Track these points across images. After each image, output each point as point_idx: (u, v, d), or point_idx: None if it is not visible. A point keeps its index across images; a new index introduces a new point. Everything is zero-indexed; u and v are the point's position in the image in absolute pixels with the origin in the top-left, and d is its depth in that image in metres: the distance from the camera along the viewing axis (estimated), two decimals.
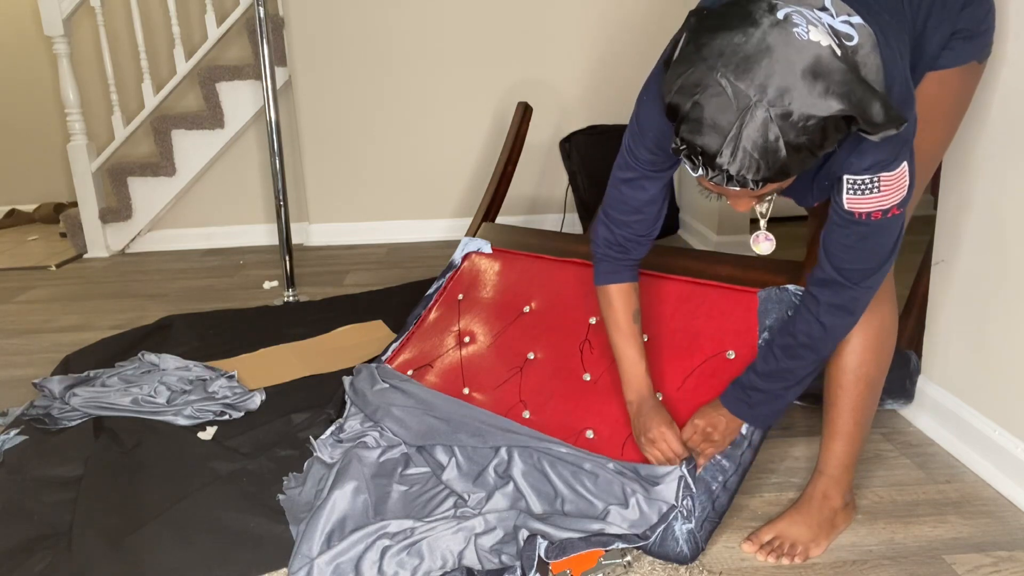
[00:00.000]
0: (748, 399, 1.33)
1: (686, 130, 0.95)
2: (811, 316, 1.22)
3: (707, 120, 0.93)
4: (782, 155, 0.92)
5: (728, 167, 0.94)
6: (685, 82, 0.95)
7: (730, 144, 0.92)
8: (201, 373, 2.00)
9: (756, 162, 0.93)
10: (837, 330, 1.22)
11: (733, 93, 0.91)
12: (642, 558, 1.31)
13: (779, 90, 0.90)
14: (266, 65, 2.57)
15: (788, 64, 0.90)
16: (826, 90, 0.90)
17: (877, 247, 1.13)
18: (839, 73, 0.91)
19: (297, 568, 1.27)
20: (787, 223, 3.35)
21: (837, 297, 1.19)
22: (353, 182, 3.56)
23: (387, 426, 1.66)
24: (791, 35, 0.91)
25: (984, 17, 1.22)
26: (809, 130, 0.91)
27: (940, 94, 1.24)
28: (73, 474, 1.60)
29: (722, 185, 0.96)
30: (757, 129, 0.91)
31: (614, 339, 1.44)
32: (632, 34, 3.36)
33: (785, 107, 0.90)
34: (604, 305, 1.44)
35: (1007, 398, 1.46)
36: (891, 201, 1.08)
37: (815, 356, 1.25)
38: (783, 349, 1.27)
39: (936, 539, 1.34)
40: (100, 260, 3.49)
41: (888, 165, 1.06)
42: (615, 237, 1.37)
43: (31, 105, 4.28)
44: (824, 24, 0.93)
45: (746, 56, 0.91)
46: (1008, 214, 1.43)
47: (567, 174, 3.47)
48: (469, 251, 2.06)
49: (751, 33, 0.92)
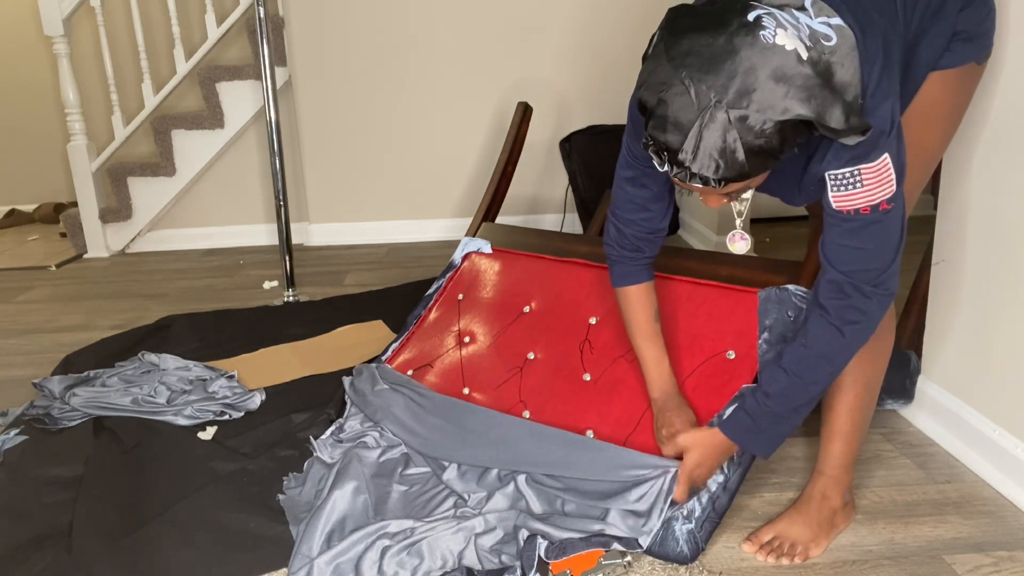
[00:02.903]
0: (755, 425, 1.27)
1: (652, 126, 0.98)
2: (826, 322, 1.17)
3: (671, 118, 0.95)
4: (740, 157, 0.94)
5: (690, 166, 0.96)
6: (653, 79, 0.97)
7: (691, 142, 0.95)
8: (201, 373, 2.00)
9: (715, 162, 0.94)
10: (854, 335, 1.17)
11: (695, 93, 0.93)
12: (642, 558, 1.31)
13: (739, 93, 0.92)
14: (266, 65, 2.57)
15: (750, 67, 0.92)
16: (786, 94, 0.92)
17: (875, 244, 1.11)
18: (801, 78, 0.92)
19: (297, 568, 1.27)
20: (787, 223, 3.36)
21: (846, 299, 1.15)
22: (353, 182, 3.56)
23: (387, 427, 1.66)
24: (757, 38, 0.92)
25: (984, 18, 1.22)
26: (766, 134, 0.93)
27: (940, 95, 1.24)
28: (73, 474, 1.60)
29: (686, 182, 0.99)
30: (716, 130, 0.93)
31: (635, 340, 1.45)
32: (632, 34, 3.35)
33: (744, 110, 0.92)
34: (624, 307, 1.45)
35: (1007, 398, 1.46)
36: (878, 195, 1.07)
37: (830, 368, 1.21)
38: (796, 362, 1.21)
39: (936, 539, 1.34)
40: (100, 260, 3.49)
41: (866, 157, 1.05)
42: (625, 236, 1.38)
43: (31, 105, 4.28)
44: (801, 25, 0.94)
45: (711, 57, 0.93)
46: (1008, 214, 1.43)
47: (567, 174, 3.48)
48: (469, 251, 2.06)
49: (719, 35, 0.93)
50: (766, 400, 1.24)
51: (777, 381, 1.23)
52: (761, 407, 1.25)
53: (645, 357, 1.45)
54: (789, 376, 1.22)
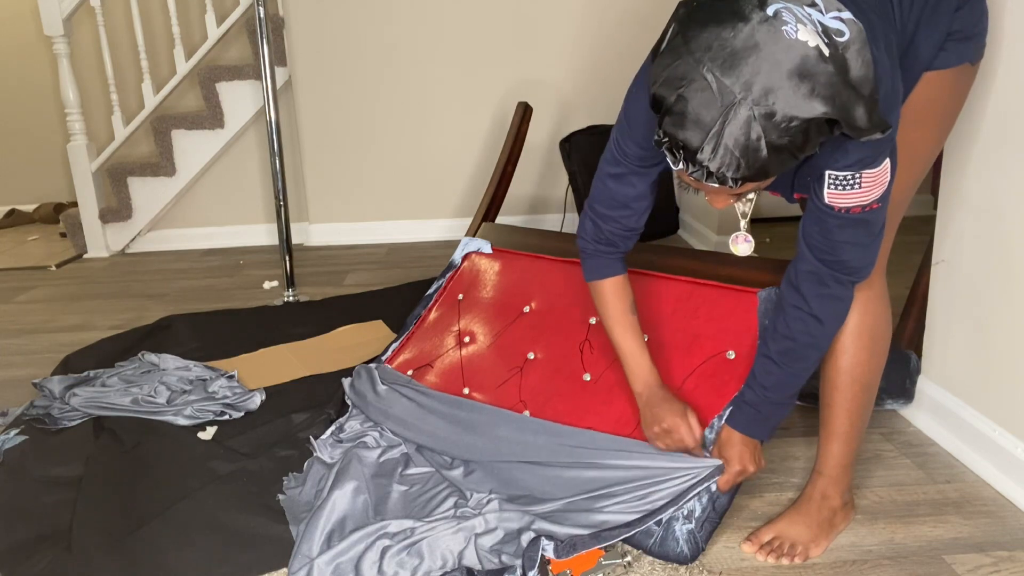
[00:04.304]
0: (761, 416, 1.31)
1: (669, 123, 0.95)
2: (804, 313, 1.21)
3: (690, 114, 0.92)
4: (763, 155, 0.91)
5: (708, 163, 0.93)
6: (671, 74, 0.94)
7: (712, 140, 0.92)
8: (201, 373, 2.00)
9: (736, 160, 0.92)
10: (833, 321, 1.22)
11: (718, 89, 0.90)
12: (642, 558, 1.31)
13: (764, 89, 0.89)
14: (266, 65, 2.57)
15: (775, 63, 0.89)
16: (811, 92, 0.89)
17: (859, 239, 1.13)
18: (825, 75, 0.90)
19: (297, 568, 1.27)
20: (786, 223, 3.35)
21: (825, 288, 1.18)
22: (353, 182, 3.56)
23: (388, 427, 1.66)
24: (780, 33, 0.90)
25: (979, 19, 1.22)
26: (791, 131, 0.91)
27: (934, 95, 1.24)
28: (73, 474, 1.60)
29: (701, 181, 0.96)
30: (740, 127, 0.90)
31: (613, 333, 1.43)
32: (632, 34, 3.35)
33: (769, 106, 0.89)
34: (598, 301, 1.43)
35: (1007, 398, 1.46)
36: (871, 197, 1.09)
37: (818, 353, 1.25)
38: (784, 355, 1.25)
39: (936, 539, 1.34)
40: (100, 260, 3.50)
41: (871, 163, 1.06)
42: (602, 232, 1.36)
43: (31, 105, 4.28)
44: (814, 21, 0.92)
45: (733, 52, 0.90)
46: (1008, 214, 1.43)
47: (567, 174, 3.47)
48: (469, 251, 2.06)
49: (740, 28, 0.90)
50: (765, 392, 1.29)
51: (771, 374, 1.28)
52: (761, 398, 1.30)
53: (624, 349, 1.42)
54: (781, 368, 1.26)
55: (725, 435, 1.36)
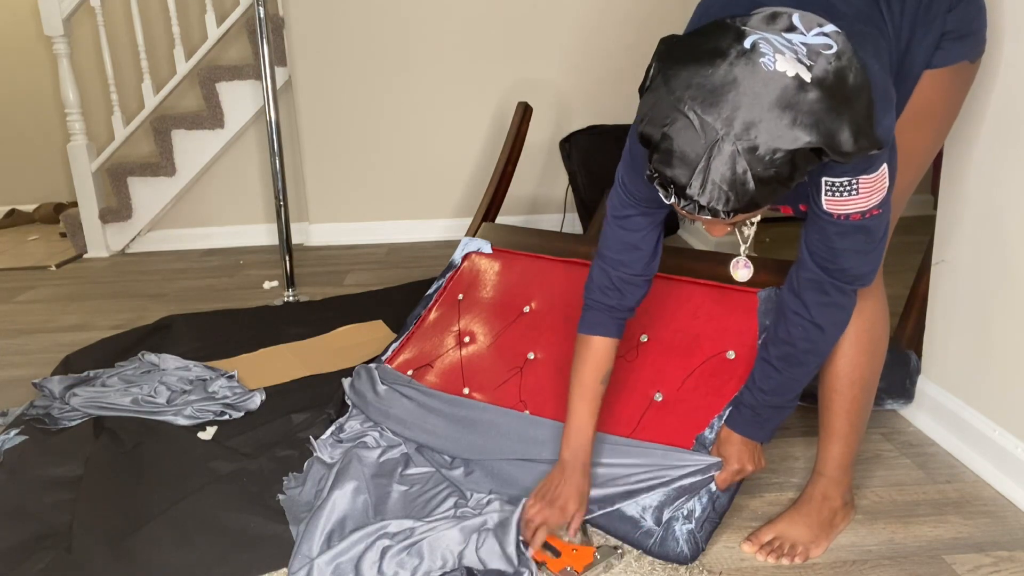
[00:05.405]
0: (759, 418, 1.32)
1: (657, 160, 0.95)
2: (805, 320, 1.21)
3: (677, 152, 0.93)
4: (751, 187, 0.92)
5: (698, 198, 0.93)
6: (655, 113, 0.94)
7: (699, 176, 0.92)
8: (201, 373, 2.00)
9: (725, 194, 0.92)
10: (834, 328, 1.22)
11: (700, 126, 0.90)
12: (642, 558, 1.31)
13: (745, 124, 0.89)
14: (266, 65, 2.57)
15: (754, 96, 0.89)
16: (793, 122, 0.89)
17: (861, 246, 1.13)
18: (806, 104, 0.90)
19: (297, 568, 1.27)
20: (786, 223, 3.35)
21: (826, 296, 1.18)
22: (353, 182, 3.56)
23: (388, 427, 1.66)
24: (758, 67, 0.90)
25: (975, 16, 1.21)
26: (777, 163, 0.91)
27: (932, 94, 1.23)
28: (73, 474, 1.60)
29: (694, 214, 0.96)
30: (725, 163, 0.91)
31: (573, 393, 1.37)
32: (632, 34, 3.35)
33: (752, 140, 0.90)
34: (577, 356, 1.38)
35: (1007, 398, 1.46)
36: (871, 203, 1.08)
37: (818, 359, 1.26)
38: (784, 360, 1.26)
39: (936, 539, 1.34)
40: (100, 260, 3.50)
41: (867, 169, 1.06)
42: (611, 279, 1.32)
43: (31, 105, 4.28)
44: (796, 46, 0.91)
45: (712, 89, 0.90)
46: (1008, 214, 1.43)
47: (567, 174, 3.47)
48: (469, 251, 2.06)
49: (718, 65, 0.91)
50: (763, 395, 1.30)
51: (771, 378, 1.28)
52: (759, 401, 1.31)
53: (575, 414, 1.37)
54: (781, 373, 1.27)
55: (724, 434, 1.37)
